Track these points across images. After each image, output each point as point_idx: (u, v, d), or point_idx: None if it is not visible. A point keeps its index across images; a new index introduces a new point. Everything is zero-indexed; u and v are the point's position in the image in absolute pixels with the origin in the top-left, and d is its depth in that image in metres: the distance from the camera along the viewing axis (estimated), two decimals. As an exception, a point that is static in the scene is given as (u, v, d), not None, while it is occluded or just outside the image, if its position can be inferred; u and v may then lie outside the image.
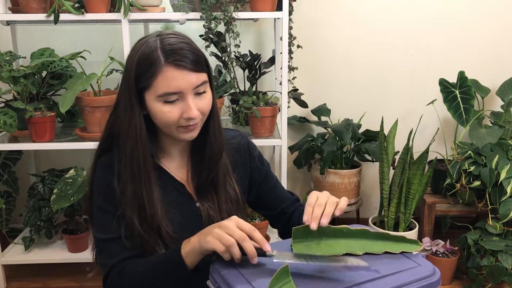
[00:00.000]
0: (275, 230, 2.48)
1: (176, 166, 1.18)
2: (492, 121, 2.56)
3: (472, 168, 2.26)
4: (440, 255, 2.30)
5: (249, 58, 2.35)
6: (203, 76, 1.05)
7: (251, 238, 0.94)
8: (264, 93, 2.28)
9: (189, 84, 1.02)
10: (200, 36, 2.14)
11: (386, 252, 1.00)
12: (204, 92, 1.06)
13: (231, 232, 0.93)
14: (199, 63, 1.03)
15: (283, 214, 1.28)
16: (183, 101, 1.03)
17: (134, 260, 1.07)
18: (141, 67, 1.02)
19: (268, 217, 1.33)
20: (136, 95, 1.04)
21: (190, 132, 1.08)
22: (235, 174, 1.21)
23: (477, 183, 2.25)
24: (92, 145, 2.08)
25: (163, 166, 1.15)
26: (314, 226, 0.95)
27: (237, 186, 1.21)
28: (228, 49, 2.16)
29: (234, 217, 0.97)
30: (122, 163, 1.08)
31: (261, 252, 0.96)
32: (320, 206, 0.98)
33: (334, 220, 1.19)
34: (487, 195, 2.25)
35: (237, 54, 2.18)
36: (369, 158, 2.58)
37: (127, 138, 1.06)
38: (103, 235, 1.09)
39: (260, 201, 1.30)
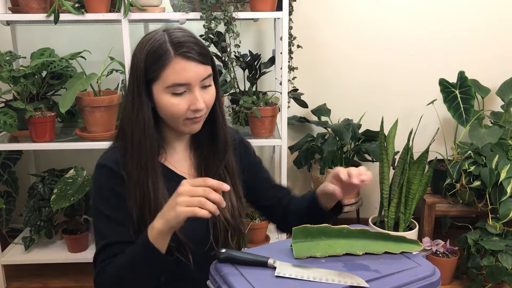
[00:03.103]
0: (275, 230, 2.49)
1: (178, 160, 1.20)
2: (492, 121, 2.56)
3: (472, 168, 2.26)
4: (440, 255, 2.30)
5: (249, 58, 2.35)
6: (209, 69, 1.10)
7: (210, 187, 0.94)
8: (264, 93, 2.28)
9: (197, 75, 1.06)
10: (200, 36, 2.14)
11: (386, 252, 1.01)
12: (209, 85, 1.11)
13: (194, 193, 0.93)
14: (205, 56, 1.08)
15: (279, 205, 1.31)
16: (191, 93, 1.07)
17: (117, 258, 1.07)
18: (150, 59, 1.05)
19: (263, 208, 1.35)
20: (144, 87, 1.07)
21: (195, 124, 1.11)
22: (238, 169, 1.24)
23: (477, 183, 2.25)
24: (92, 145, 2.11)
25: (165, 162, 1.17)
26: (356, 181, 1.07)
27: (241, 182, 1.23)
28: (228, 49, 2.16)
29: (185, 181, 0.96)
30: (129, 154, 1.10)
31: (262, 263, 0.96)
32: (353, 169, 1.10)
33: (334, 220, 1.19)
34: (487, 195, 2.24)
35: (237, 54, 2.18)
36: (369, 158, 2.57)
37: (135, 129, 1.09)
38: (103, 241, 1.09)
39: (256, 193, 1.31)
